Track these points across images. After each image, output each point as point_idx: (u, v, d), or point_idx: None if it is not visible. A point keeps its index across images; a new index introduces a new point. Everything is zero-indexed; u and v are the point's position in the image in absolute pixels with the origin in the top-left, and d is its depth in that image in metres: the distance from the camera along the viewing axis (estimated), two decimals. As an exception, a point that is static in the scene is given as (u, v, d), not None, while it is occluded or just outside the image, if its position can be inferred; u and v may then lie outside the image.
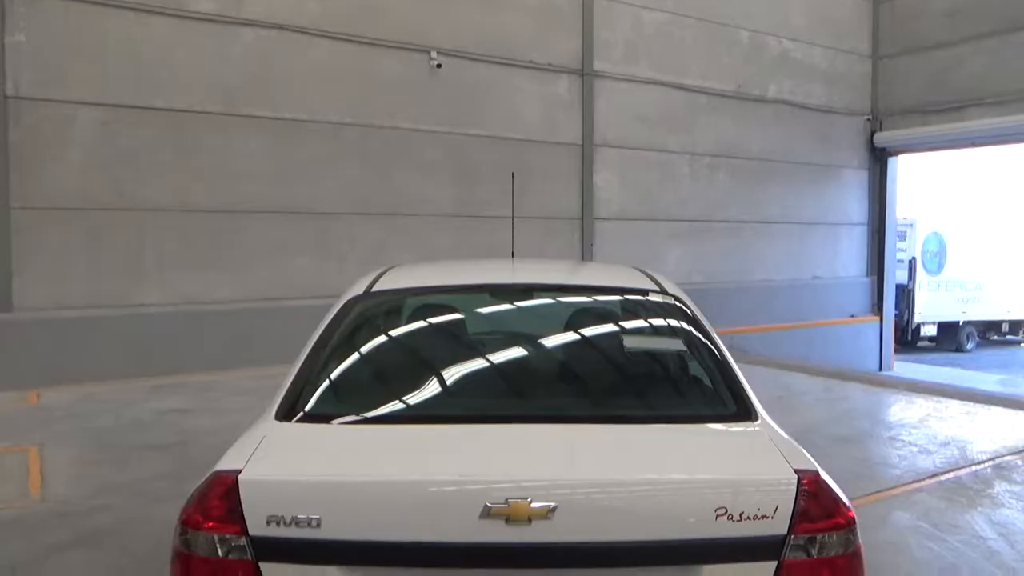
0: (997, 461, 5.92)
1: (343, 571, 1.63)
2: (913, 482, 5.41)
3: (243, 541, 1.65)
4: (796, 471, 1.74)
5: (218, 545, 1.66)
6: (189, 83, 9.23)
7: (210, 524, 1.67)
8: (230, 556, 1.66)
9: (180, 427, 6.82)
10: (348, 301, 2.59)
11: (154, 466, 5.65)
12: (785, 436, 1.99)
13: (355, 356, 2.39)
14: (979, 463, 5.87)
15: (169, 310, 9.40)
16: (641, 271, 2.97)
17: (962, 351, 20.18)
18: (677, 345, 2.48)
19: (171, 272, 9.42)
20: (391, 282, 2.75)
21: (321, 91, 10.01)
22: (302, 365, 2.25)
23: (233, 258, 9.77)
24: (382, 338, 2.56)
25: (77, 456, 5.97)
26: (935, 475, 5.57)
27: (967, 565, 3.99)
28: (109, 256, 9.06)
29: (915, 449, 6.29)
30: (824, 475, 1.79)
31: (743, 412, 2.10)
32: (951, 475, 5.57)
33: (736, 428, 2.05)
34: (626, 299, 2.77)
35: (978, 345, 20.95)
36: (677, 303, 2.64)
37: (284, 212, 9.98)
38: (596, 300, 2.82)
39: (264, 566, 1.64)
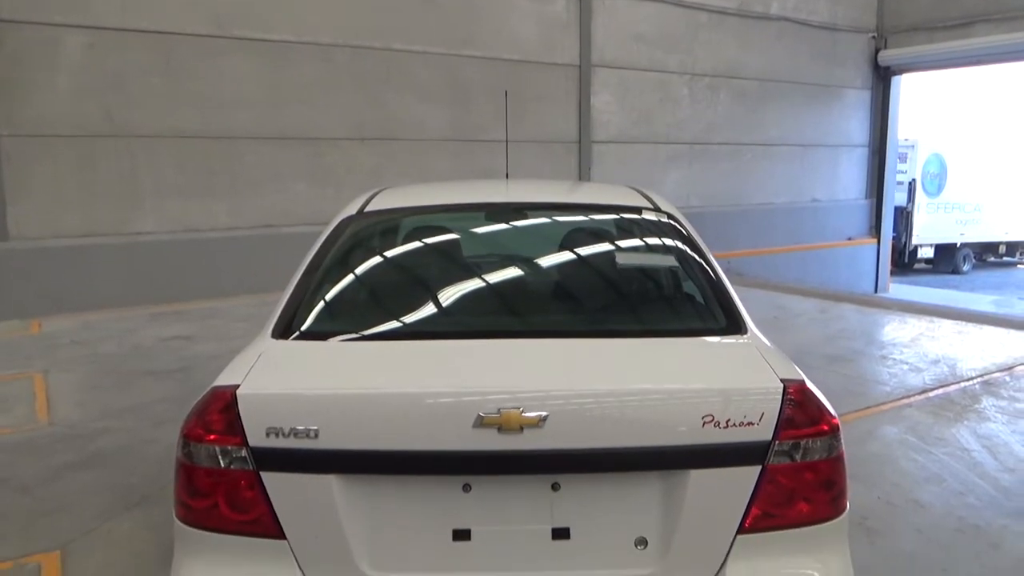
0: (986, 377, 6.03)
1: (341, 479, 1.68)
2: (902, 398, 5.52)
3: (244, 452, 1.70)
4: (782, 380, 1.78)
5: (220, 457, 1.72)
6: (176, 4, 8.97)
7: (211, 437, 1.72)
8: (232, 467, 1.71)
9: (182, 353, 6.91)
10: (341, 222, 2.59)
11: (158, 390, 5.75)
12: (773, 348, 2.03)
13: (349, 275, 2.41)
14: (968, 379, 5.98)
15: (166, 238, 9.39)
16: (636, 190, 2.96)
17: (958, 273, 20.26)
18: (670, 261, 2.50)
19: (167, 200, 9.36)
20: (384, 203, 2.74)
21: (311, 11, 9.73)
22: (297, 285, 2.27)
23: (229, 185, 9.70)
24: (376, 258, 2.57)
25: (81, 382, 6.06)
26: (924, 391, 5.69)
27: (951, 475, 4.11)
28: (103, 184, 8.98)
29: (906, 367, 6.40)
30: (810, 384, 1.83)
31: (733, 326, 2.13)
32: (940, 391, 5.69)
33: (726, 340, 2.08)
34: (620, 217, 2.77)
35: (974, 267, 21.02)
36: (671, 221, 2.65)
37: (278, 138, 9.85)
38: (590, 218, 2.82)
39: (265, 475, 1.70)
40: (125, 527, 3.56)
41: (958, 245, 20.46)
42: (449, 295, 2.32)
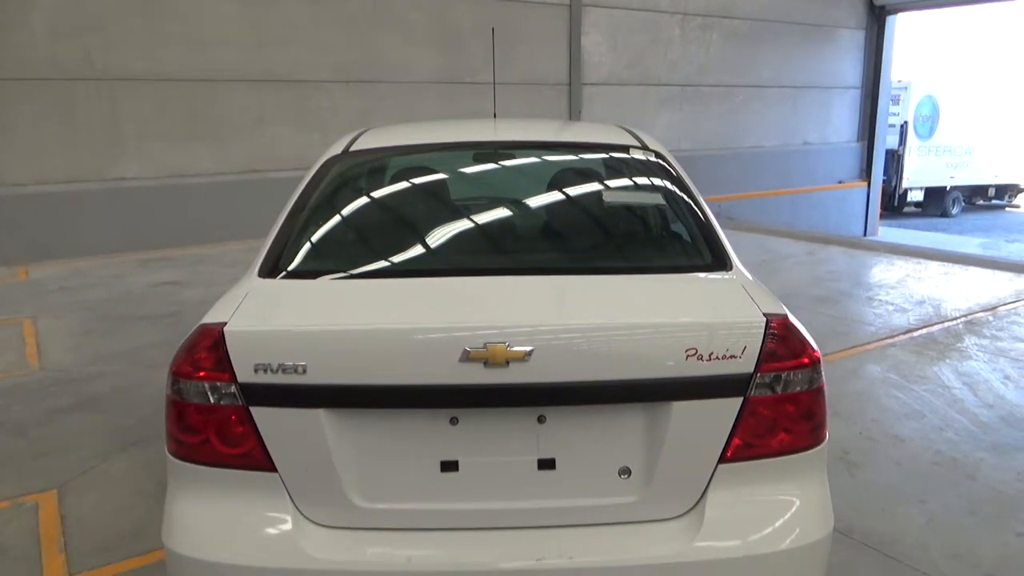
0: (969, 317, 6.12)
1: (330, 413, 1.71)
2: (887, 338, 5.60)
3: (233, 388, 1.72)
4: (765, 314, 1.80)
5: (209, 393, 1.74)
6: (151, -60, 8.70)
7: (200, 374, 1.74)
8: (222, 403, 1.73)
9: (172, 299, 6.91)
10: (326, 161, 2.57)
11: (148, 335, 5.77)
12: (758, 284, 2.05)
13: (336, 215, 2.40)
14: (952, 319, 6.06)
15: (152, 183, 9.28)
16: (624, 128, 2.94)
17: (947, 216, 20.33)
18: (656, 199, 2.49)
19: (150, 144, 9.22)
20: (370, 142, 2.71)
21: (293, -52, 9.46)
22: (283, 225, 2.26)
23: (213, 129, 9.55)
24: (362, 197, 2.56)
25: (72, 327, 6.07)
26: (908, 331, 5.76)
27: (931, 411, 4.20)
28: (84, 129, 8.83)
29: (891, 308, 6.47)
30: (792, 318, 1.86)
31: (719, 262, 2.14)
32: (924, 331, 5.77)
33: (711, 276, 2.10)
34: (608, 155, 2.76)
35: (963, 210, 21.09)
36: (659, 160, 2.64)
37: (262, 80, 9.67)
38: (577, 156, 2.80)
39: (255, 410, 1.72)
40: (121, 467, 3.61)
41: (948, 188, 20.48)
42: (436, 234, 2.32)
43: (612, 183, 2.69)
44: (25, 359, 5.29)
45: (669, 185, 2.48)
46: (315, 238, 2.26)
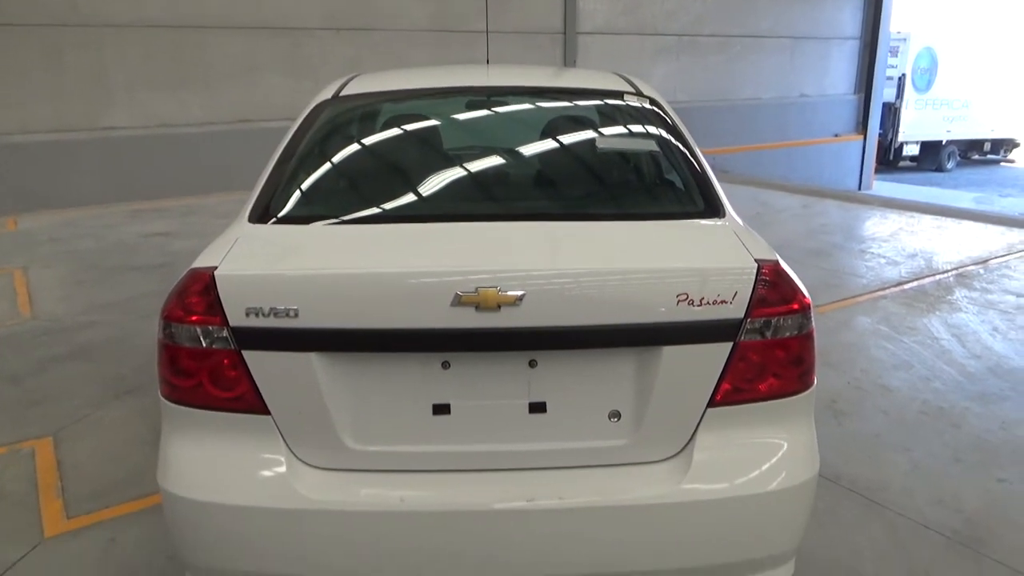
0: (960, 270, 6.14)
1: (322, 357, 1.71)
2: (878, 290, 5.63)
3: (225, 332, 1.72)
4: (756, 260, 1.80)
5: (201, 337, 1.73)
6: None
7: (192, 318, 1.73)
8: (214, 346, 1.73)
9: (164, 250, 6.87)
10: (316, 106, 2.53)
11: (141, 286, 5.75)
12: (750, 231, 2.04)
13: (326, 160, 2.37)
14: (943, 272, 6.09)
15: (140, 133, 9.16)
16: (619, 75, 2.90)
17: (942, 170, 20.26)
18: (650, 145, 2.47)
19: (138, 93, 9.07)
20: (360, 87, 2.67)
21: None
22: (273, 170, 2.23)
23: (202, 78, 9.39)
24: (353, 142, 2.52)
25: (63, 277, 6.04)
26: (900, 284, 5.79)
27: (919, 362, 4.25)
28: (72, 77, 8.67)
29: (883, 261, 6.49)
30: (784, 265, 1.86)
31: (711, 209, 2.13)
32: (915, 283, 5.80)
33: (703, 223, 2.09)
34: (603, 102, 2.72)
35: (958, 164, 21.01)
36: (653, 106, 2.61)
37: (252, 28, 9.47)
38: (571, 102, 2.76)
39: (247, 354, 1.72)
40: (116, 414, 3.64)
41: (944, 142, 20.37)
42: (428, 180, 2.30)
43: (606, 129, 2.66)
44: (17, 309, 5.28)
45: (663, 132, 2.46)
46: (306, 184, 2.24)
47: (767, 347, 1.79)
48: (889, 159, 19.48)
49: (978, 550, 2.60)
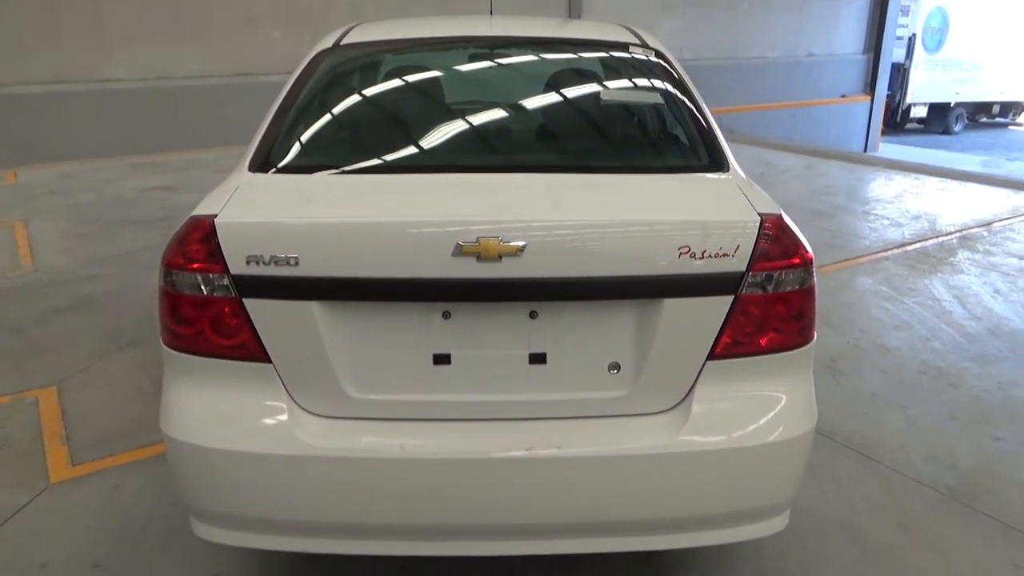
0: (964, 232, 6.12)
1: (323, 306, 1.71)
2: (880, 251, 5.61)
3: (225, 280, 1.72)
4: (760, 214, 1.79)
5: (202, 285, 1.73)
6: None
7: (193, 265, 1.73)
8: (215, 294, 1.73)
9: (163, 204, 6.84)
10: (317, 55, 2.49)
11: (141, 239, 5.74)
12: (754, 185, 2.02)
13: (327, 110, 2.34)
14: (946, 234, 6.06)
15: (138, 86, 9.05)
16: (625, 27, 2.85)
17: (949, 133, 20.04)
18: (655, 98, 2.44)
19: (136, 44, 8.94)
20: (360, 36, 2.63)
21: None
22: (273, 118, 2.21)
23: (200, 30, 9.24)
24: (354, 92, 2.49)
25: (64, 230, 6.03)
26: (902, 245, 5.77)
27: (919, 323, 4.25)
28: (69, 27, 8.54)
29: (887, 222, 6.46)
30: (787, 219, 1.85)
31: (716, 163, 2.12)
32: (917, 245, 5.78)
33: (707, 176, 2.07)
34: (608, 54, 2.68)
35: (966, 127, 20.77)
36: (659, 59, 2.57)
37: (250, -22, 9.29)
38: (575, 53, 2.72)
39: (248, 302, 1.72)
40: (118, 366, 3.66)
41: (952, 105, 20.10)
42: (430, 130, 2.27)
43: (610, 82, 2.62)
44: (19, 261, 5.28)
45: (668, 85, 2.42)
46: (306, 133, 2.22)
47: (768, 301, 1.79)
48: (896, 121, 19.25)
49: (971, 505, 2.63)
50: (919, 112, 19.83)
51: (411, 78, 2.56)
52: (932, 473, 2.82)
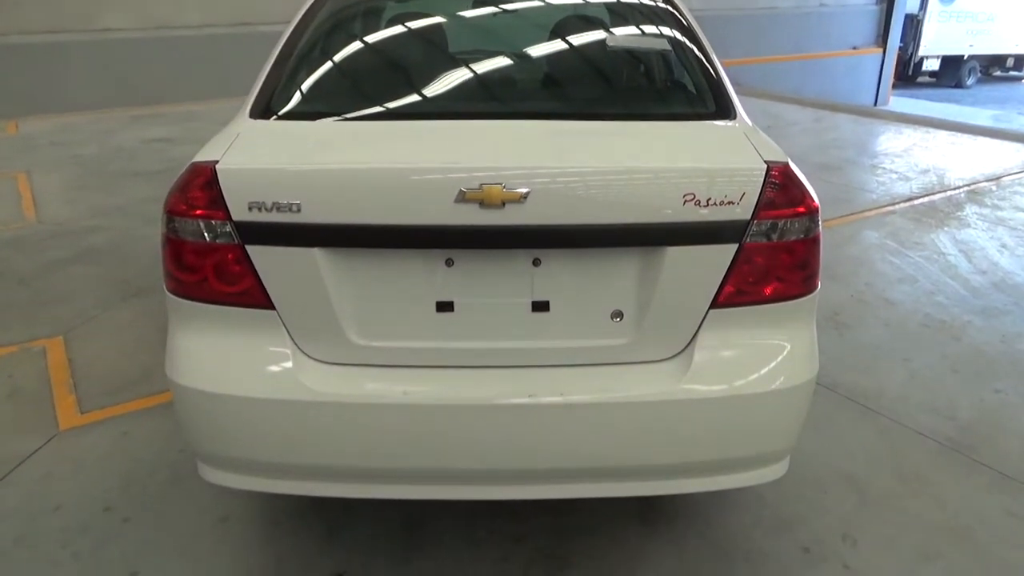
0: (972, 186, 6.06)
1: (326, 252, 1.71)
2: (887, 205, 5.57)
3: (228, 227, 1.71)
4: (766, 162, 1.77)
5: (205, 231, 1.73)
6: None
7: (195, 212, 1.72)
8: (218, 241, 1.73)
9: (165, 155, 6.81)
10: (317, 1, 2.44)
11: (143, 191, 5.72)
12: (761, 133, 2.00)
13: (329, 57, 2.30)
14: (954, 188, 6.01)
15: (139, 35, 8.92)
16: (632, -27, 2.78)
17: (962, 87, 19.73)
18: (662, 45, 2.39)
19: (134, -8, 8.79)
20: (363, -21, 2.57)
21: None
22: (274, 65, 2.18)
23: (198, -23, 9.07)
24: (356, 39, 2.45)
25: (66, 182, 6.01)
26: (910, 199, 5.73)
27: (924, 276, 4.24)
28: (64, -26, 8.39)
29: (895, 176, 6.40)
30: (793, 167, 1.82)
31: (723, 110, 2.09)
32: (925, 199, 5.73)
33: (714, 124, 2.04)
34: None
35: (979, 81, 20.44)
36: (667, 4, 2.51)
37: (249, -77, 9.08)
38: (580, -1, 2.66)
39: (251, 249, 1.72)
40: (124, 316, 3.68)
41: (965, 57, 19.75)
42: (433, 77, 2.24)
43: (617, 29, 2.57)
44: (22, 212, 5.27)
45: (676, 32, 2.38)
46: (307, 80, 2.19)
47: (772, 250, 1.78)
48: (907, 74, 18.95)
49: (969, 455, 2.66)
50: (931, 65, 19.52)
51: (414, 24, 2.51)
52: (932, 424, 2.84)
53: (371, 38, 2.46)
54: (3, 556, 2.18)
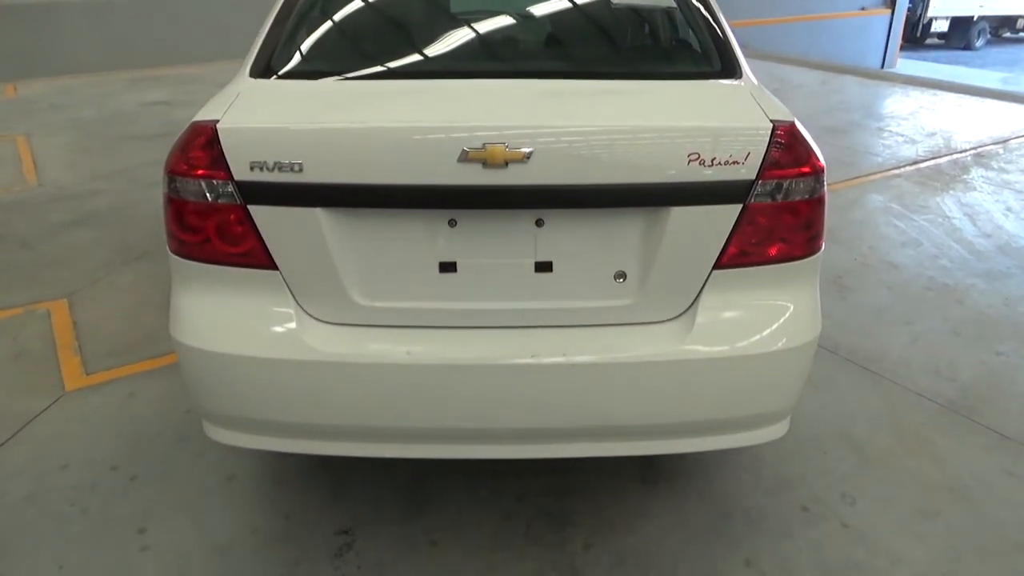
0: (979, 149, 6.01)
1: (328, 212, 1.70)
2: (892, 169, 5.53)
3: (230, 187, 1.70)
4: (772, 121, 1.75)
5: (207, 191, 1.72)
6: None
7: (197, 172, 1.71)
8: (219, 201, 1.72)
9: (165, 118, 6.76)
10: (317, -44, 2.40)
11: (144, 154, 5.69)
12: (767, 92, 1.97)
13: (329, 16, 2.27)
14: (961, 151, 5.96)
15: (135, -4, 8.80)
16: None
17: (971, 49, 19.42)
18: (667, 2, 2.35)
19: (130, -48, 8.65)
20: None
21: None
22: (274, 23, 2.15)
23: (196, -64, 8.92)
24: (357, -2, 2.41)
25: (66, 145, 5.98)
26: (916, 162, 5.68)
27: (928, 240, 4.23)
28: (58, -68, 8.24)
29: (901, 139, 6.34)
30: (799, 126, 1.80)
31: (728, 69, 2.06)
32: (931, 162, 5.69)
33: (719, 83, 2.02)
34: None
35: (988, 43, 20.11)
36: (672, -39, 2.46)
37: None
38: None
39: (253, 209, 1.71)
40: (127, 279, 3.69)
41: (975, 18, 19.42)
42: (436, 37, 2.20)
43: (622, -15, 2.53)
44: (23, 175, 5.25)
45: (681, -12, 2.33)
46: (308, 39, 2.16)
47: (777, 210, 1.77)
48: (916, 36, 18.65)
49: (969, 416, 2.67)
50: (940, 26, 19.19)
51: None
52: (933, 386, 2.86)
53: (372, -5, 2.42)
54: (13, 513, 2.21)
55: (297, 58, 2.07)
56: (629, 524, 2.17)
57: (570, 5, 2.39)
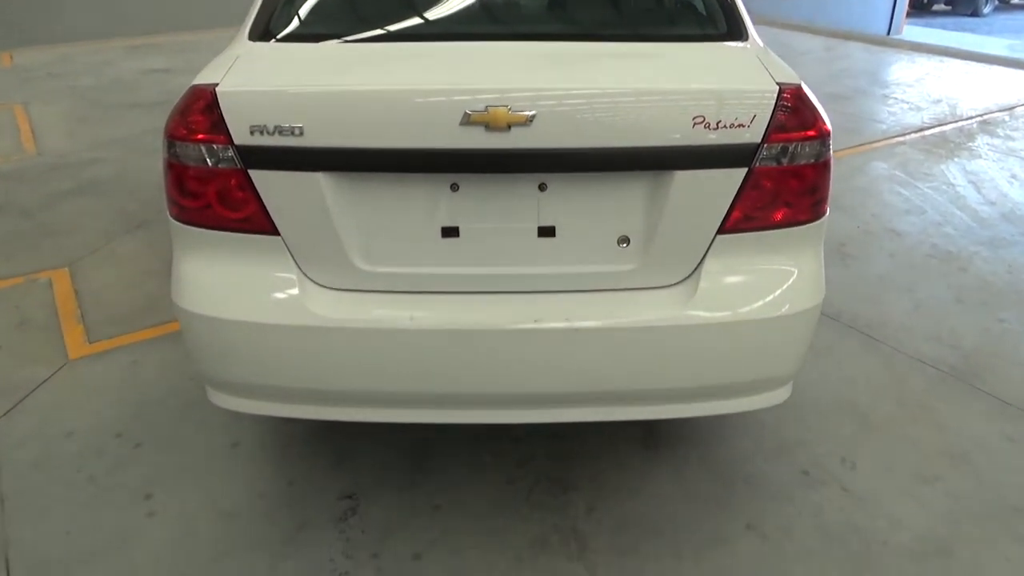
0: (985, 117, 5.95)
1: (329, 177, 1.69)
2: (897, 136, 5.48)
3: (230, 152, 1.69)
4: (778, 83, 1.73)
5: (207, 156, 1.70)
6: None
7: (197, 136, 1.70)
8: (220, 166, 1.70)
9: (163, 86, 6.69)
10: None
11: (143, 122, 5.65)
12: (773, 54, 1.95)
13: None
14: (966, 119, 5.90)
15: (131, -38, 8.67)
16: None
17: (978, 15, 19.14)
18: (672, -37, 2.32)
19: (125, -84, 8.50)
20: None
21: None
22: (272, -15, 2.12)
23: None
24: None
25: (65, 113, 5.93)
26: (921, 130, 5.63)
27: (932, 207, 4.20)
28: None
29: (906, 106, 6.28)
30: (806, 90, 1.78)
31: (734, 32, 2.03)
32: (936, 130, 5.63)
33: (725, 45, 1.99)
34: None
35: (996, 9, 19.82)
36: (676, -79, 2.41)
37: None
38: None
39: (253, 173, 1.70)
40: (128, 248, 3.68)
41: (983, -17, 19.11)
42: (440, 3, 2.17)
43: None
44: (21, 144, 5.22)
45: (686, -51, 2.29)
46: (308, 1, 2.12)
47: (782, 174, 1.75)
48: (922, 2, 18.38)
49: (971, 383, 2.68)
50: (948, -8, 18.89)
51: None
52: (935, 353, 2.86)
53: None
54: (21, 479, 2.23)
55: (296, 21, 2.04)
56: (631, 489, 2.19)
57: (574, -32, 2.34)
